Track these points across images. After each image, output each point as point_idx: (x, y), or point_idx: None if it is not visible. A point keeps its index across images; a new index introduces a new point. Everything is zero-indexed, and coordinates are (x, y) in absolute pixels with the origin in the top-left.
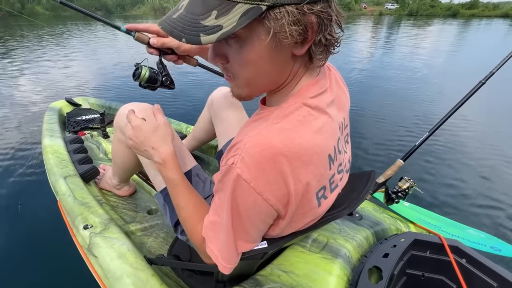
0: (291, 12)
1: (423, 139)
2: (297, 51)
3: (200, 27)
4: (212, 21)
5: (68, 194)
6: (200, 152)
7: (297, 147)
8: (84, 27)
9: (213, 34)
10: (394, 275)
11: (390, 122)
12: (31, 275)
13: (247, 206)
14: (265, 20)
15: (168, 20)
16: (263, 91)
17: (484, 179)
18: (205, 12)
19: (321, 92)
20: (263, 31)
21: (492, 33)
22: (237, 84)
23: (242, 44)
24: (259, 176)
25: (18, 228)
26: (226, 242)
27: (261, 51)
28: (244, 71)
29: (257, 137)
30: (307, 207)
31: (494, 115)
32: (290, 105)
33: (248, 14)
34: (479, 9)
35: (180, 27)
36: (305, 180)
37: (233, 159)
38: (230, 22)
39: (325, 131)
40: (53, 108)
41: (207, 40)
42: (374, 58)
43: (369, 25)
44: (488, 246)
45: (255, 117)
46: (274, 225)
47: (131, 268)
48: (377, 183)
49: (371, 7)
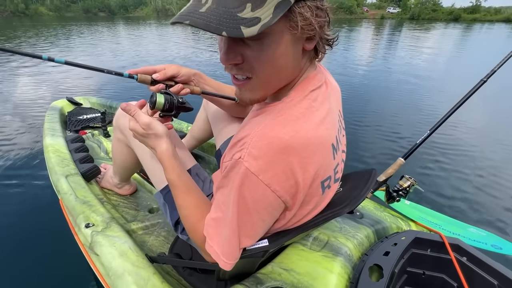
0: (313, 7)
1: (424, 138)
2: (308, 45)
3: (238, 19)
4: (249, 14)
5: (69, 193)
6: (200, 151)
7: (303, 138)
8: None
9: (253, 26)
10: (395, 273)
11: (391, 120)
12: (33, 274)
13: (255, 199)
14: (292, 14)
15: (195, 14)
16: (275, 90)
17: (485, 177)
18: (239, 5)
19: (319, 85)
20: (289, 25)
21: (494, 37)
22: (252, 86)
23: (265, 40)
24: (267, 169)
25: (20, 227)
26: (229, 238)
27: (286, 45)
28: (264, 69)
29: (263, 130)
30: (311, 195)
31: (495, 113)
32: (293, 99)
33: (280, 7)
34: (481, 14)
35: (216, 20)
36: (313, 170)
37: (240, 154)
38: (267, 14)
39: (328, 122)
40: (54, 107)
41: (249, 32)
42: (376, 59)
43: (371, 29)
44: (489, 244)
45: (256, 112)
46: (280, 217)
47: (132, 266)
48: (378, 182)
49: (373, 10)
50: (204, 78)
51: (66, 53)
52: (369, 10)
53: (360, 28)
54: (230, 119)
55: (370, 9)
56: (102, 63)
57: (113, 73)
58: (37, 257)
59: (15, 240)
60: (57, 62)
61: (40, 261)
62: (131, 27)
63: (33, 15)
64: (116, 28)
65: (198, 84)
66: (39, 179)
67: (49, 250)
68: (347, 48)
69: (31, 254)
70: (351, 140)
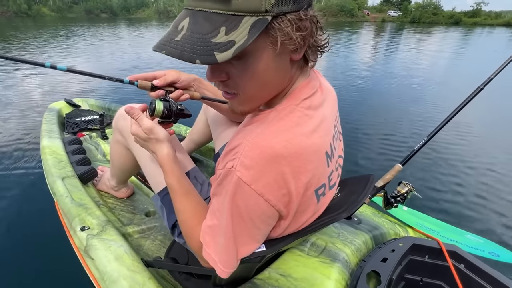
0: (293, 20)
1: (422, 144)
2: (295, 56)
3: (212, 45)
4: (223, 38)
5: (65, 195)
6: (199, 154)
7: (296, 147)
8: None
9: (227, 50)
10: (393, 280)
11: (389, 126)
12: (27, 277)
13: (249, 208)
14: (271, 31)
15: (171, 43)
16: (266, 101)
17: (483, 184)
18: (213, 30)
19: (313, 92)
20: (269, 41)
21: (494, 41)
22: (240, 101)
23: (247, 58)
24: (259, 178)
25: (14, 229)
26: (226, 246)
27: (267, 61)
28: (249, 85)
29: (255, 139)
30: (306, 204)
31: (493, 120)
32: (285, 108)
33: (256, 26)
34: (482, 18)
35: (190, 48)
36: (305, 179)
37: (232, 163)
38: (241, 36)
39: (321, 129)
40: (52, 108)
41: (223, 57)
42: (376, 63)
43: (372, 32)
44: (487, 251)
45: (249, 121)
46: (276, 226)
47: (128, 271)
48: (376, 187)
49: (374, 13)
50: (204, 84)
51: (67, 55)
52: (370, 13)
53: (361, 31)
54: (229, 123)
55: (371, 12)
56: (104, 65)
57: (114, 79)
58: (31, 260)
59: (8, 242)
60: (60, 70)
61: (34, 264)
62: (133, 28)
63: (36, 15)
64: (118, 30)
65: (198, 89)
66: (35, 180)
67: (43, 253)
68: (348, 51)
69: (25, 256)
70: (349, 145)
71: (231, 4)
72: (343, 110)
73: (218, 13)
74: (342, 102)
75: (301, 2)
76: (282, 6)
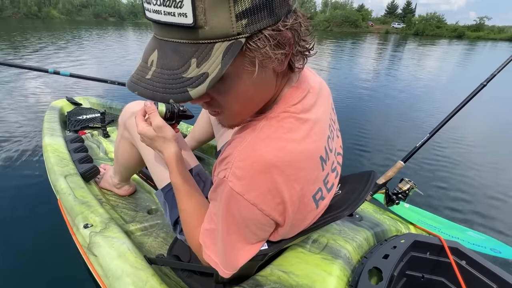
0: (270, 36)
1: (424, 141)
2: (278, 68)
3: (184, 81)
4: (195, 71)
5: (68, 193)
6: (201, 152)
7: (288, 155)
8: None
9: (201, 84)
10: (394, 276)
11: (391, 123)
12: (30, 274)
13: (244, 216)
14: (247, 52)
15: (143, 82)
16: (253, 113)
17: (485, 181)
18: (183, 64)
19: (304, 95)
20: (247, 62)
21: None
22: (227, 117)
23: (226, 81)
24: (252, 188)
25: (17, 227)
26: (225, 250)
27: (247, 81)
28: (233, 104)
29: (246, 150)
30: (305, 211)
31: (495, 117)
32: (275, 114)
33: (229, 52)
34: (485, 32)
35: (162, 88)
36: (299, 187)
37: (224, 173)
38: (214, 66)
39: (314, 134)
40: (54, 107)
41: (197, 92)
42: (379, 66)
43: (375, 42)
44: (488, 248)
45: (241, 128)
46: (274, 232)
47: (131, 268)
48: (377, 184)
49: (378, 25)
50: None
51: (72, 57)
52: (374, 24)
53: (365, 41)
54: None
55: (375, 24)
56: (109, 67)
57: (116, 83)
58: (34, 258)
59: (12, 239)
60: (63, 75)
61: (37, 262)
62: (139, 32)
63: (45, 17)
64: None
65: None
66: (37, 178)
67: (46, 250)
68: (352, 55)
69: (29, 254)
70: (351, 142)
71: (198, 33)
72: (345, 108)
73: (186, 43)
74: (343, 101)
75: (278, 13)
76: (256, 23)
